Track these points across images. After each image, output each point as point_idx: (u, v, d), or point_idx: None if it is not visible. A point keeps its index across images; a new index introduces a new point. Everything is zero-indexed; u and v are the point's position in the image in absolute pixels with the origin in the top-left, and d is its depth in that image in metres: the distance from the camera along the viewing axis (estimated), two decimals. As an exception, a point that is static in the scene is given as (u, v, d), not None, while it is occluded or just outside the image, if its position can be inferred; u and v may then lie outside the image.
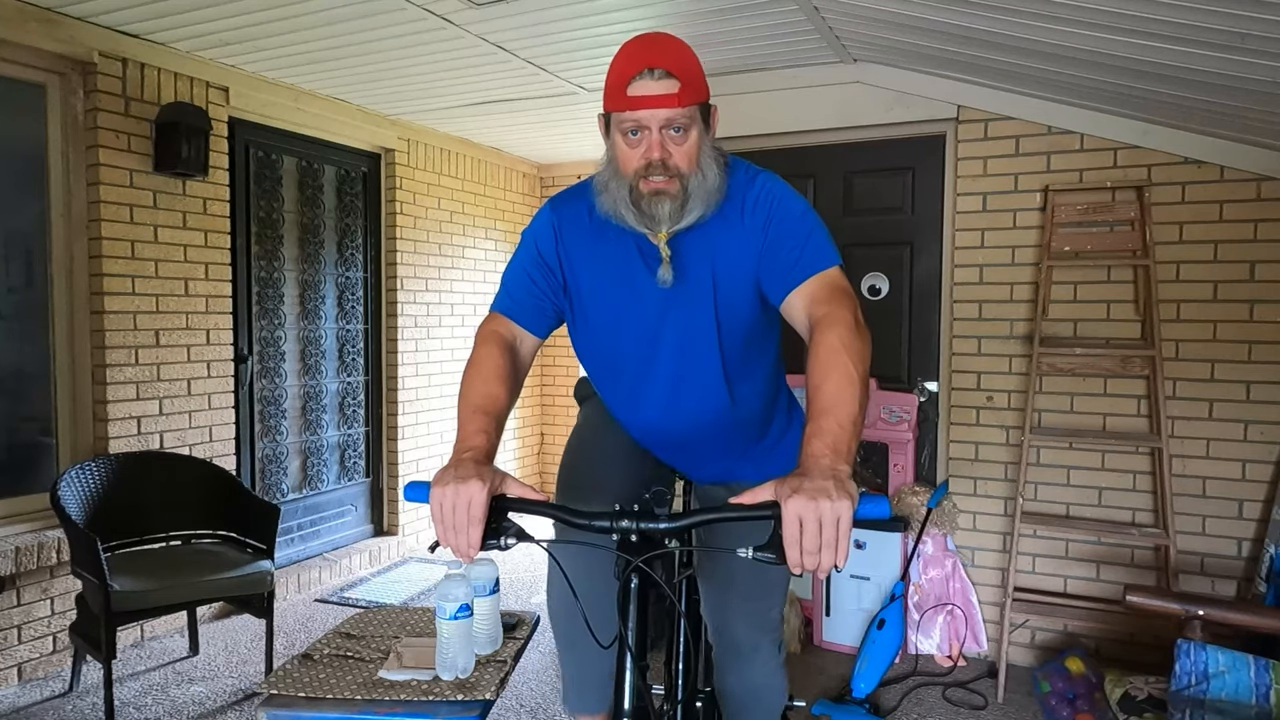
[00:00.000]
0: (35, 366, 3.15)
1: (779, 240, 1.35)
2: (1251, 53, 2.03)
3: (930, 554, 3.20)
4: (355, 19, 2.96)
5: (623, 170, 1.32)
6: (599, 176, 1.38)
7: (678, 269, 1.38)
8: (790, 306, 1.34)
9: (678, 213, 1.31)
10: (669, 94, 1.26)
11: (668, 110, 1.26)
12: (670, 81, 1.26)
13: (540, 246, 1.46)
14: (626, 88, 1.27)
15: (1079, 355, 3.03)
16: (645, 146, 1.29)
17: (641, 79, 1.26)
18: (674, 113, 1.27)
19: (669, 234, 1.34)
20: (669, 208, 1.30)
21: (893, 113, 3.31)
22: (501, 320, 1.43)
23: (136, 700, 2.86)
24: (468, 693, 1.51)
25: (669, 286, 1.38)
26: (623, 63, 1.28)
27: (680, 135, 1.29)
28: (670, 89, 1.26)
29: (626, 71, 1.27)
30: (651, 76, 1.26)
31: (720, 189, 1.35)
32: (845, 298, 1.27)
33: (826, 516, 0.98)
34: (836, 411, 1.11)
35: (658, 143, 1.28)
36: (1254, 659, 1.99)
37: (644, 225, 1.33)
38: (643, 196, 1.31)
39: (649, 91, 1.26)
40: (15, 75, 3.01)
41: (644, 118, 1.27)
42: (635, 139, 1.29)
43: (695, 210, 1.33)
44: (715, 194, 1.34)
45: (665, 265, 1.36)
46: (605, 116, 1.34)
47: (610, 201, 1.35)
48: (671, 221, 1.32)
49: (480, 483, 1.10)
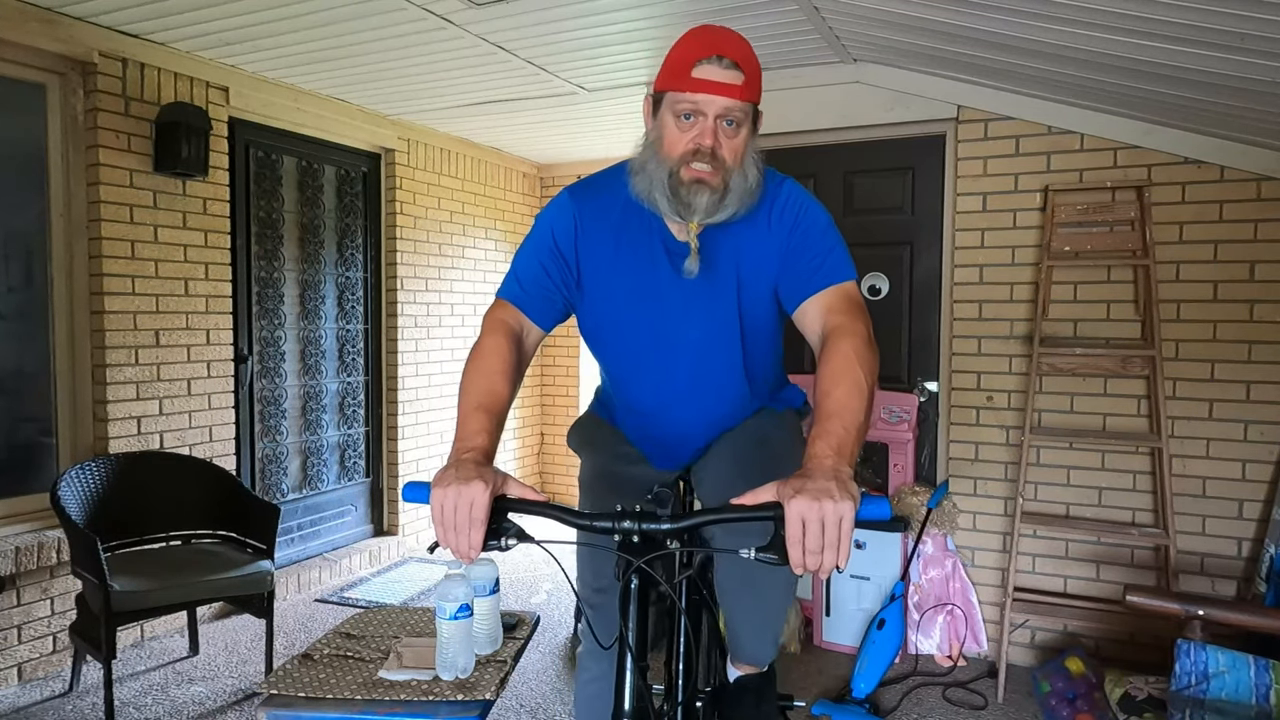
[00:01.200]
0: (35, 366, 3.15)
1: (801, 248, 1.36)
2: (1251, 53, 2.03)
3: (930, 554, 3.20)
4: (355, 19, 2.96)
5: (667, 152, 1.31)
6: (636, 157, 1.37)
7: (703, 264, 1.38)
8: (804, 314, 1.35)
9: (715, 205, 1.31)
10: (734, 84, 1.25)
11: (728, 100, 1.26)
12: (736, 73, 1.26)
13: (558, 237, 1.43)
14: (691, 69, 1.25)
15: (1079, 355, 3.03)
16: (697, 132, 1.28)
17: (708, 64, 1.25)
18: (733, 104, 1.26)
19: (699, 226, 1.34)
20: (708, 199, 1.30)
21: (893, 113, 3.31)
22: (509, 309, 1.41)
23: (136, 700, 2.86)
24: (468, 693, 1.51)
25: (694, 278, 1.38)
26: (690, 44, 1.27)
27: (733, 129, 1.29)
28: (736, 79, 1.25)
29: (694, 54, 1.26)
30: (719, 64, 1.25)
31: (755, 192, 1.35)
32: (861, 312, 1.29)
33: (829, 517, 0.98)
34: (843, 416, 1.12)
35: (711, 130, 1.27)
36: (1254, 659, 1.99)
37: (676, 213, 1.32)
38: (682, 183, 1.30)
39: (714, 78, 1.25)
40: (15, 75, 3.01)
41: (704, 102, 1.26)
42: (688, 123, 1.28)
43: (731, 207, 1.32)
44: (752, 195, 1.35)
45: (693, 256, 1.36)
46: (656, 96, 1.33)
47: (645, 183, 1.34)
48: (707, 213, 1.31)
49: (482, 484, 1.10)
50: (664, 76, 1.30)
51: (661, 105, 1.31)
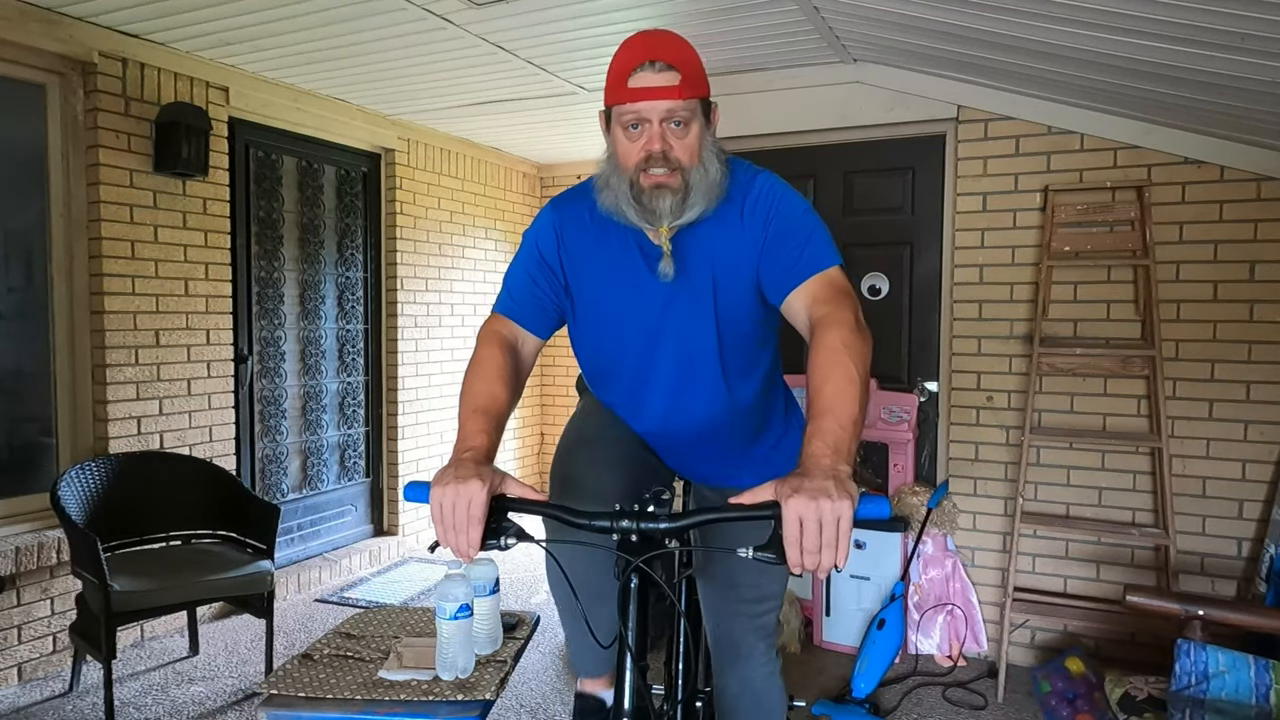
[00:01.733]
0: (35, 366, 3.15)
1: (780, 240, 1.34)
2: (1251, 53, 2.03)
3: (930, 554, 3.20)
4: (355, 19, 2.96)
5: (623, 165, 1.32)
6: (599, 174, 1.38)
7: (678, 266, 1.37)
8: (790, 306, 1.33)
9: (679, 207, 1.31)
10: (670, 85, 1.25)
11: (668, 101, 1.26)
12: (671, 74, 1.26)
13: (541, 247, 1.45)
14: (627, 80, 1.26)
15: (1079, 355, 3.03)
16: (646, 139, 1.28)
17: (642, 71, 1.26)
18: (675, 104, 1.26)
19: (670, 230, 1.34)
20: (670, 202, 1.30)
21: (893, 113, 3.31)
22: (503, 321, 1.43)
23: (136, 700, 2.86)
24: (468, 693, 1.51)
25: (670, 281, 1.38)
26: (623, 56, 1.28)
27: (681, 129, 1.29)
28: (671, 80, 1.26)
29: (627, 64, 1.27)
30: (652, 69, 1.25)
31: (721, 185, 1.35)
32: (846, 298, 1.27)
33: (827, 516, 0.98)
34: (837, 412, 1.11)
35: (658, 134, 1.28)
36: (1254, 659, 1.98)
37: (645, 220, 1.33)
38: (644, 191, 1.30)
39: (650, 83, 1.25)
40: (15, 75, 3.01)
41: (645, 109, 1.26)
42: (636, 132, 1.29)
43: (696, 205, 1.32)
44: (716, 189, 1.34)
45: (666, 259, 1.36)
46: (606, 112, 1.33)
47: (611, 198, 1.34)
48: (673, 216, 1.31)
49: (480, 483, 1.10)
50: (607, 92, 1.31)
51: (611, 120, 1.32)
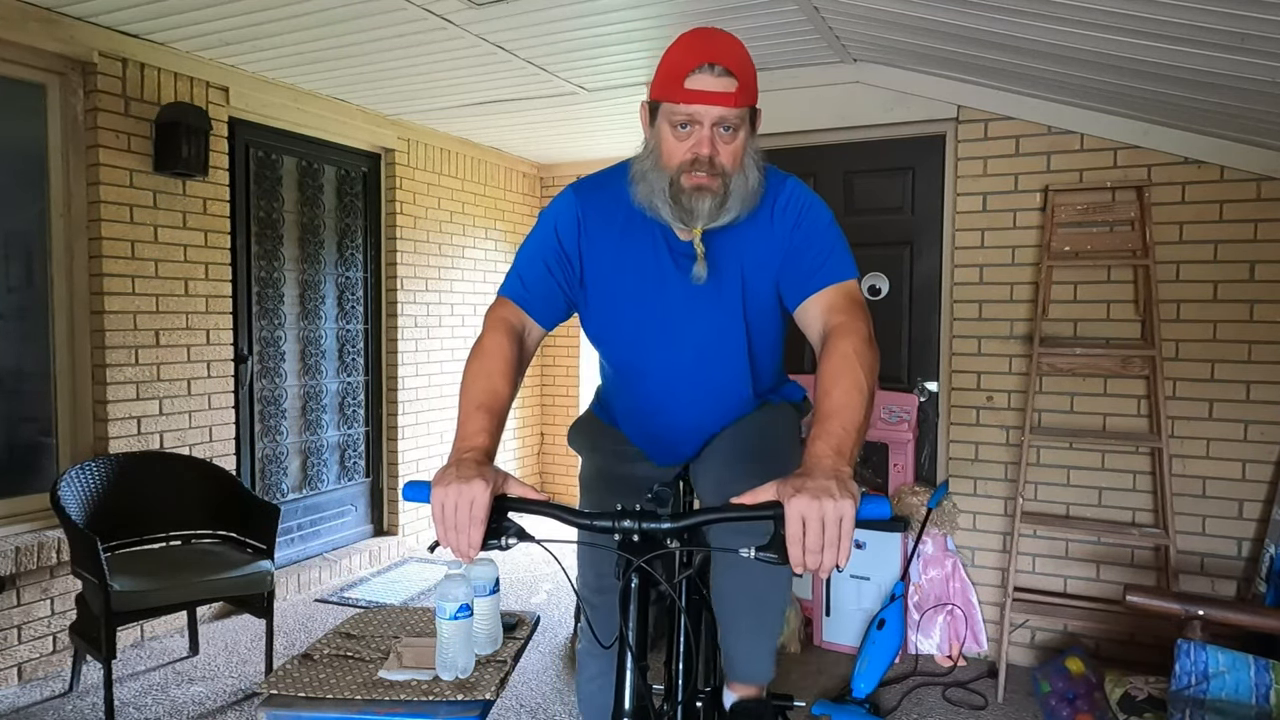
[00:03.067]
0: (35, 366, 3.14)
1: (804, 246, 1.36)
2: (1251, 53, 2.03)
3: (930, 554, 3.20)
4: (355, 19, 2.96)
5: (665, 162, 1.31)
6: (636, 165, 1.37)
7: (708, 266, 1.37)
8: (805, 312, 1.35)
9: (717, 210, 1.31)
10: (727, 92, 1.25)
11: (723, 109, 1.25)
12: (730, 80, 1.25)
13: (561, 235, 1.43)
14: (684, 80, 1.25)
15: (1079, 355, 3.03)
16: (694, 141, 1.28)
17: (701, 73, 1.24)
18: (729, 111, 1.26)
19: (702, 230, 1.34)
20: (709, 204, 1.30)
21: (893, 113, 3.31)
22: (511, 307, 1.41)
23: (136, 700, 2.86)
24: (468, 693, 1.51)
25: (702, 283, 1.38)
26: (682, 54, 1.27)
27: (730, 134, 1.28)
28: (729, 87, 1.25)
29: (686, 64, 1.25)
30: (712, 72, 1.24)
31: (758, 192, 1.35)
32: (861, 311, 1.29)
33: (829, 516, 0.98)
34: (842, 416, 1.12)
35: (708, 139, 1.27)
36: (1254, 659, 1.99)
37: (679, 219, 1.32)
38: (683, 191, 1.30)
39: (707, 87, 1.24)
40: (15, 75, 3.01)
41: (698, 113, 1.26)
42: (685, 132, 1.28)
43: (733, 210, 1.32)
44: (754, 196, 1.34)
45: (700, 261, 1.36)
46: (652, 105, 1.33)
47: (646, 191, 1.34)
48: (709, 219, 1.31)
49: (482, 483, 1.10)
50: (658, 86, 1.30)
51: (658, 114, 1.31)
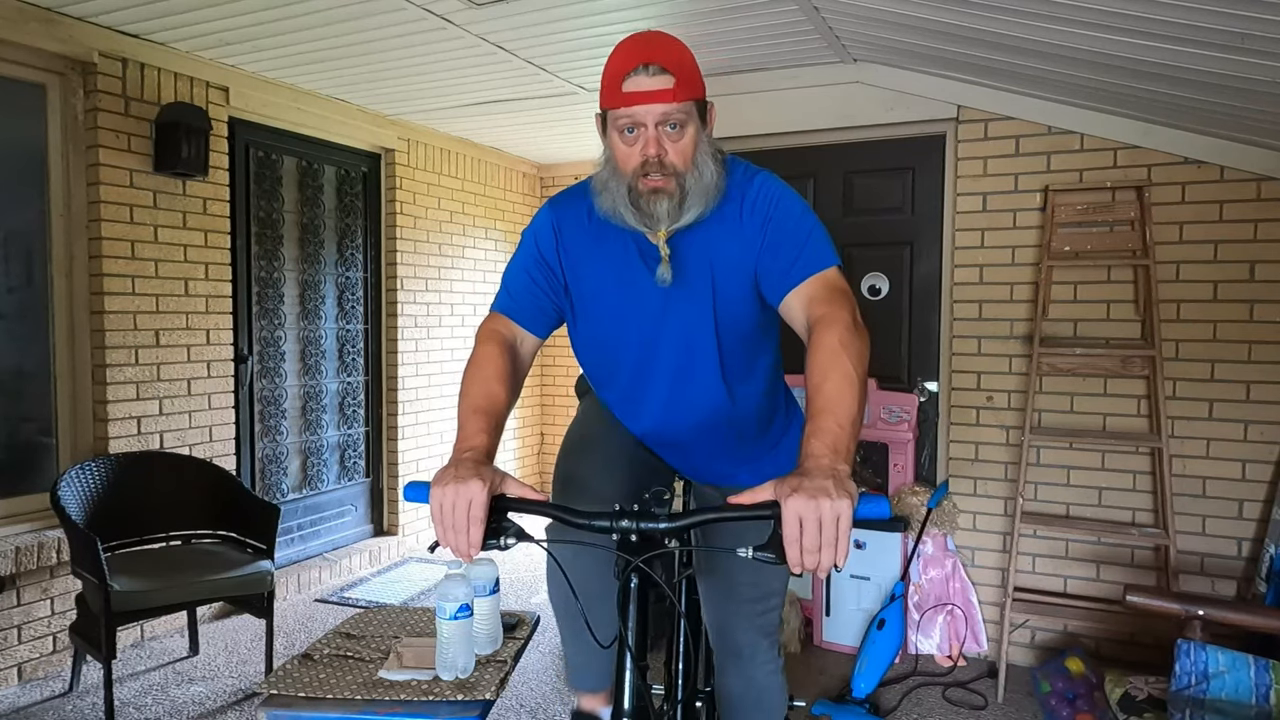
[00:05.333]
0: (35, 366, 3.15)
1: (778, 240, 1.35)
2: (1251, 53, 2.03)
3: (930, 554, 3.20)
4: (355, 19, 2.96)
5: (621, 169, 1.32)
6: (597, 176, 1.38)
7: (677, 268, 1.37)
8: (788, 307, 1.34)
9: (675, 211, 1.31)
10: (664, 89, 1.25)
11: (663, 105, 1.26)
12: (665, 77, 1.25)
13: (540, 246, 1.45)
14: (621, 84, 1.26)
15: (1079, 355, 3.03)
16: (642, 143, 1.28)
17: (636, 75, 1.25)
18: (669, 108, 1.26)
19: (668, 233, 1.34)
20: (667, 206, 1.30)
21: (893, 113, 3.31)
22: (502, 320, 1.43)
23: (136, 700, 2.86)
24: (468, 693, 1.51)
25: (668, 285, 1.38)
26: (617, 60, 1.28)
27: (676, 132, 1.29)
28: (665, 84, 1.25)
29: (621, 68, 1.27)
30: (646, 72, 1.25)
31: (718, 186, 1.35)
32: (844, 298, 1.27)
33: (826, 515, 0.98)
34: (836, 411, 1.11)
35: (654, 139, 1.27)
36: (1254, 659, 1.98)
37: (643, 224, 1.33)
38: (641, 195, 1.30)
39: (644, 87, 1.25)
40: (15, 75, 3.01)
41: (639, 114, 1.26)
42: (632, 136, 1.29)
43: (694, 208, 1.32)
44: (713, 192, 1.34)
45: (664, 264, 1.36)
46: (602, 115, 1.33)
47: (609, 201, 1.35)
48: (670, 220, 1.31)
49: (480, 483, 1.10)
50: (602, 95, 1.30)
51: (607, 123, 1.32)
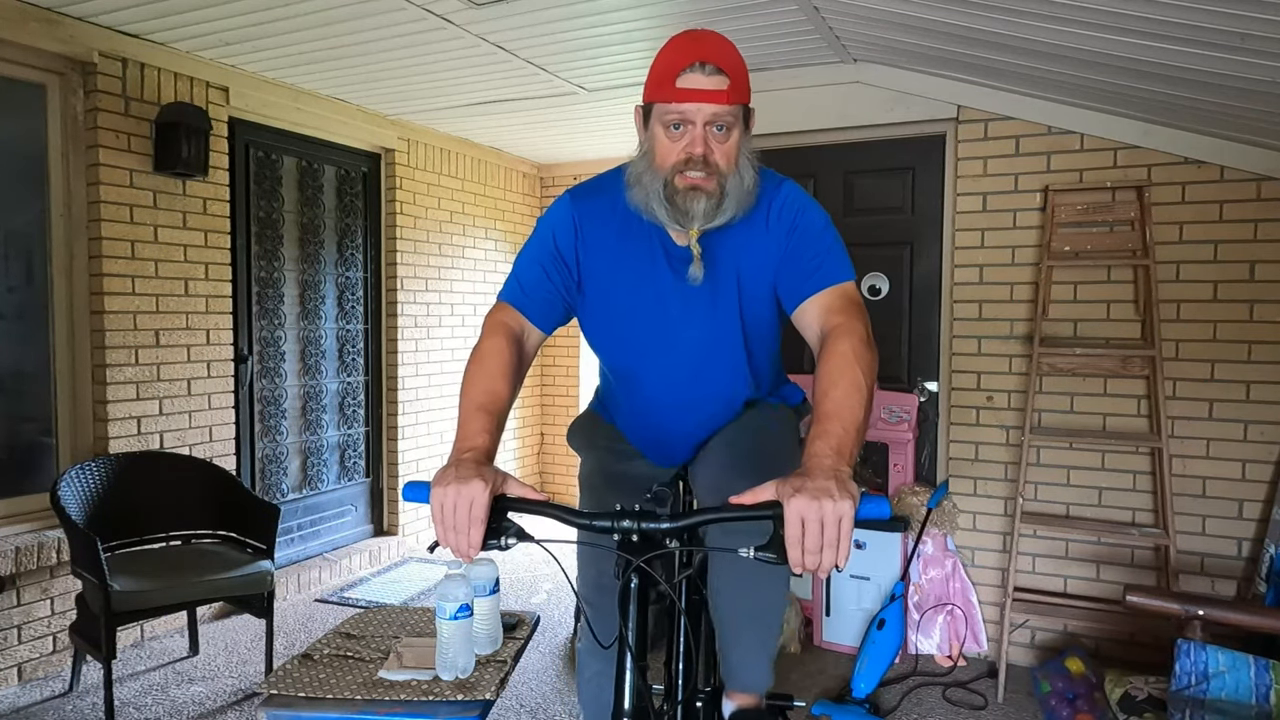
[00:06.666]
0: (35, 366, 3.14)
1: (800, 249, 1.36)
2: (1251, 53, 2.03)
3: (930, 554, 3.20)
4: (355, 19, 2.96)
5: (659, 163, 1.31)
6: (632, 168, 1.37)
7: (704, 268, 1.38)
8: (803, 314, 1.35)
9: (712, 211, 1.31)
10: (719, 90, 1.25)
11: (715, 106, 1.25)
12: (721, 78, 1.25)
13: (559, 239, 1.44)
14: (675, 79, 1.25)
15: (1079, 355, 3.03)
16: (688, 140, 1.28)
17: (692, 72, 1.25)
18: (721, 109, 1.26)
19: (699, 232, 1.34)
20: (704, 205, 1.30)
21: (893, 113, 3.31)
22: (510, 311, 1.42)
23: (136, 700, 2.86)
24: (468, 693, 1.51)
25: (698, 285, 1.38)
26: (673, 54, 1.27)
27: (723, 134, 1.28)
28: (720, 85, 1.25)
29: (677, 63, 1.26)
30: (703, 71, 1.25)
31: (753, 192, 1.35)
32: (859, 312, 1.29)
33: (828, 516, 0.98)
34: (842, 416, 1.12)
35: (701, 138, 1.27)
36: (1254, 659, 1.98)
37: (675, 221, 1.33)
38: (678, 191, 1.30)
39: (699, 85, 1.25)
40: (15, 75, 3.01)
41: (691, 111, 1.26)
42: (678, 133, 1.28)
43: (729, 211, 1.32)
44: (749, 196, 1.34)
45: (696, 263, 1.36)
46: (645, 108, 1.33)
47: (642, 194, 1.34)
48: (705, 219, 1.31)
49: (481, 483, 1.10)
50: (650, 88, 1.30)
51: (651, 117, 1.31)
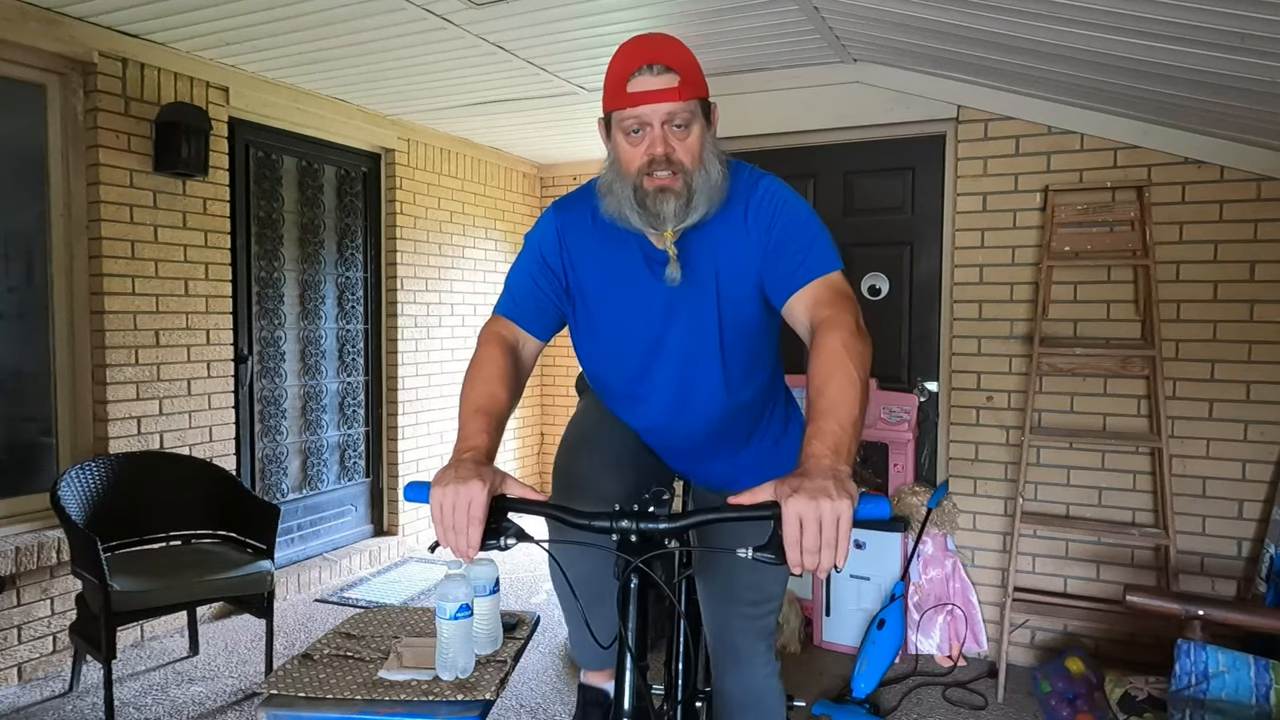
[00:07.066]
0: (35, 366, 3.15)
1: (783, 243, 1.35)
2: (1251, 53, 2.03)
3: (930, 554, 3.20)
4: (355, 19, 2.96)
5: (625, 170, 1.31)
6: (602, 179, 1.37)
7: (682, 269, 1.38)
8: (792, 309, 1.34)
9: (683, 210, 1.31)
10: (669, 88, 1.25)
11: (669, 104, 1.26)
12: (670, 76, 1.26)
13: (544, 250, 1.45)
14: (626, 85, 1.26)
15: (1079, 355, 3.03)
16: (648, 143, 1.28)
17: (641, 75, 1.26)
18: (675, 106, 1.26)
19: (674, 234, 1.34)
20: (674, 205, 1.30)
21: (893, 113, 3.31)
22: (504, 323, 1.43)
23: (136, 700, 2.86)
24: (468, 693, 1.51)
25: (676, 285, 1.38)
26: (621, 61, 1.28)
27: (682, 130, 1.29)
28: (670, 83, 1.26)
29: (625, 69, 1.27)
30: (651, 72, 1.26)
31: (723, 186, 1.35)
32: (847, 302, 1.28)
33: (827, 516, 0.98)
34: (838, 413, 1.11)
35: (660, 138, 1.28)
36: (1254, 659, 1.98)
37: (649, 224, 1.33)
38: (647, 194, 1.30)
39: (649, 86, 1.25)
40: (15, 75, 3.01)
41: (645, 113, 1.27)
42: (637, 136, 1.29)
43: (700, 207, 1.32)
44: (718, 191, 1.34)
45: (673, 263, 1.36)
46: (605, 119, 1.33)
47: (614, 203, 1.34)
48: (677, 219, 1.31)
49: (481, 483, 1.10)
50: (606, 98, 1.31)
51: (611, 126, 1.32)
